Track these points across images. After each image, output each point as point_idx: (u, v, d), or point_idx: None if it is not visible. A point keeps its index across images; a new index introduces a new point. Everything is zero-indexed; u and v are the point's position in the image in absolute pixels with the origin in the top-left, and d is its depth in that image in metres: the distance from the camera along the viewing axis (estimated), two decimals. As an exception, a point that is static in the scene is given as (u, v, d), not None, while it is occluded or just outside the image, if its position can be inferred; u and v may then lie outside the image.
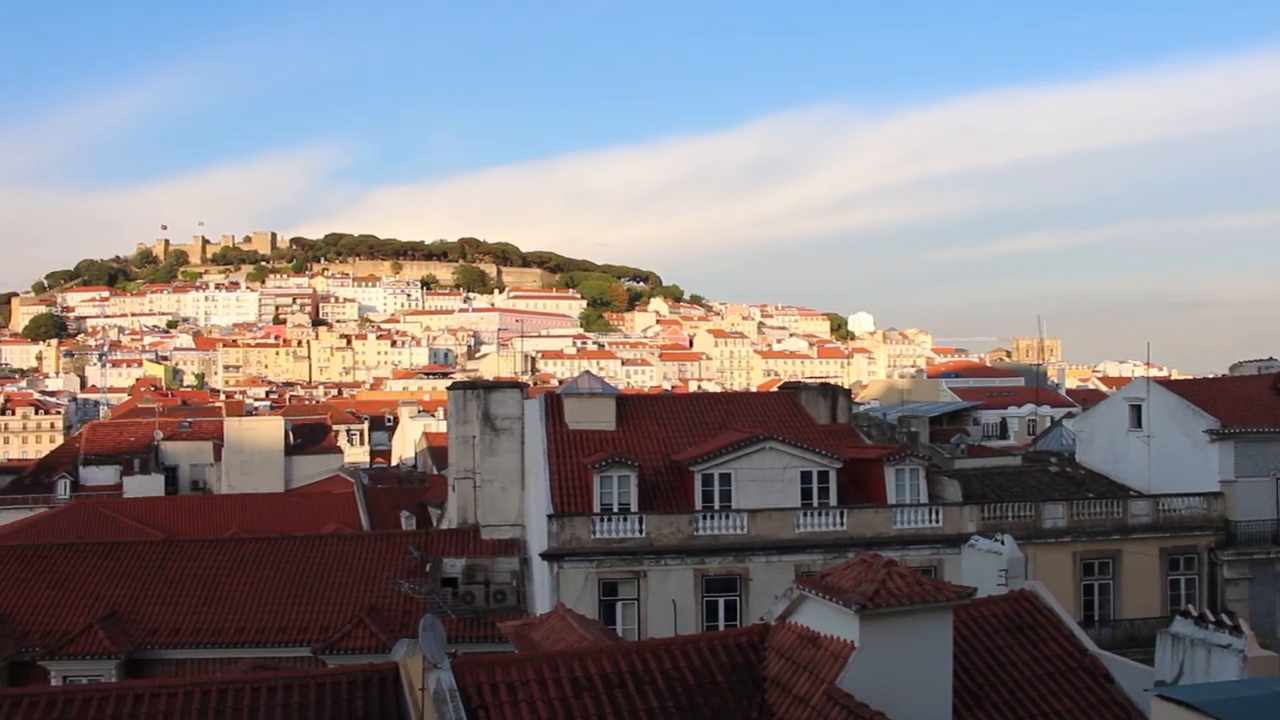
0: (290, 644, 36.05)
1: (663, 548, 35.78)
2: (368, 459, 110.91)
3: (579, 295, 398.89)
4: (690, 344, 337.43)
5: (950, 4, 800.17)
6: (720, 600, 36.04)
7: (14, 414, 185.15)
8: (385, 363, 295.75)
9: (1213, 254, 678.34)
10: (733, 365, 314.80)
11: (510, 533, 42.35)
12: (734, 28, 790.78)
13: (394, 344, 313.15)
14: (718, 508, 37.05)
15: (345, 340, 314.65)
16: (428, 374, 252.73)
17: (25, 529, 55.02)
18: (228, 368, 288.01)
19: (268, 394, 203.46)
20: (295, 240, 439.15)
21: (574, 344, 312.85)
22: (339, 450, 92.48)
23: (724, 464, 37.38)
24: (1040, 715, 16.53)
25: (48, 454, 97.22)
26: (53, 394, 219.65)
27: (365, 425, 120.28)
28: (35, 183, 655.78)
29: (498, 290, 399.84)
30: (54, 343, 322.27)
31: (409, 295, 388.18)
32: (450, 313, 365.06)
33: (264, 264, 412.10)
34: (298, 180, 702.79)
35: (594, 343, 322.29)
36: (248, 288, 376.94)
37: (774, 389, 76.39)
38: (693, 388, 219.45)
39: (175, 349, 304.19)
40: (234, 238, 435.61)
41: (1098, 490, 43.06)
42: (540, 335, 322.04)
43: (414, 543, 41.74)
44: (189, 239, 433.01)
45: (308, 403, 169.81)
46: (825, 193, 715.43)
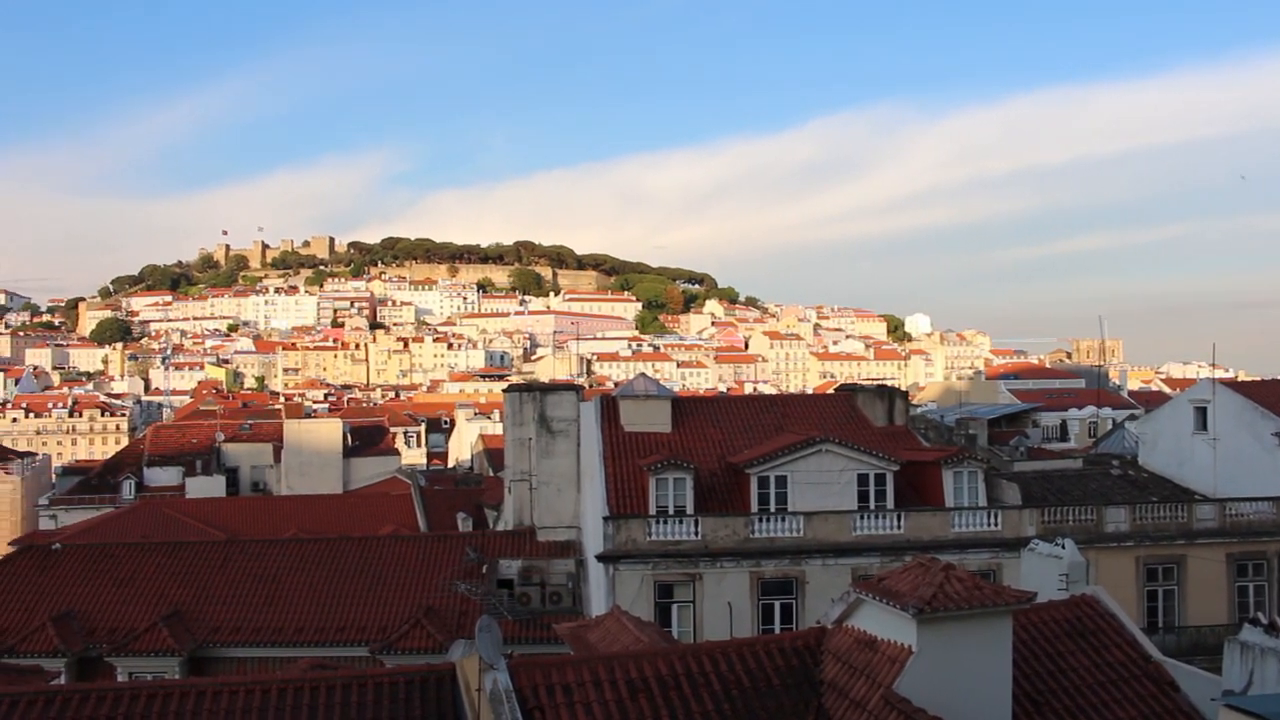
0: (348, 644, 36.40)
1: (718, 550, 35.66)
2: (425, 461, 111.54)
3: (634, 297, 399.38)
4: (746, 346, 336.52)
5: (1007, 2, 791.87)
6: (776, 603, 35.83)
7: (81, 416, 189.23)
8: (442, 365, 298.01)
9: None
10: (788, 367, 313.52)
11: (566, 534, 42.45)
12: (789, 28, 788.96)
13: (450, 347, 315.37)
14: (774, 510, 36.84)
15: (402, 343, 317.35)
16: (484, 376, 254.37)
17: (92, 528, 56.05)
18: (287, 370, 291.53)
19: (326, 396, 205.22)
20: (353, 244, 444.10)
21: (629, 346, 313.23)
22: (396, 452, 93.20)
23: (780, 466, 37.18)
24: (1103, 722, 16.26)
25: (113, 455, 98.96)
26: (118, 396, 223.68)
27: (422, 427, 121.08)
28: (102, 191, 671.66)
29: (553, 293, 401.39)
30: (119, 346, 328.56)
31: (465, 298, 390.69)
32: (506, 315, 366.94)
33: (322, 268, 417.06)
34: (355, 185, 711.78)
35: (649, 345, 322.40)
36: (306, 291, 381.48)
37: (830, 391, 75.90)
38: (748, 390, 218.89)
39: (236, 352, 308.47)
40: (293, 242, 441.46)
41: (1161, 494, 42.30)
42: (595, 338, 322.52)
43: (471, 544, 41.98)
44: (249, 244, 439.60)
45: (365, 405, 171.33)
46: (881, 193, 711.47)
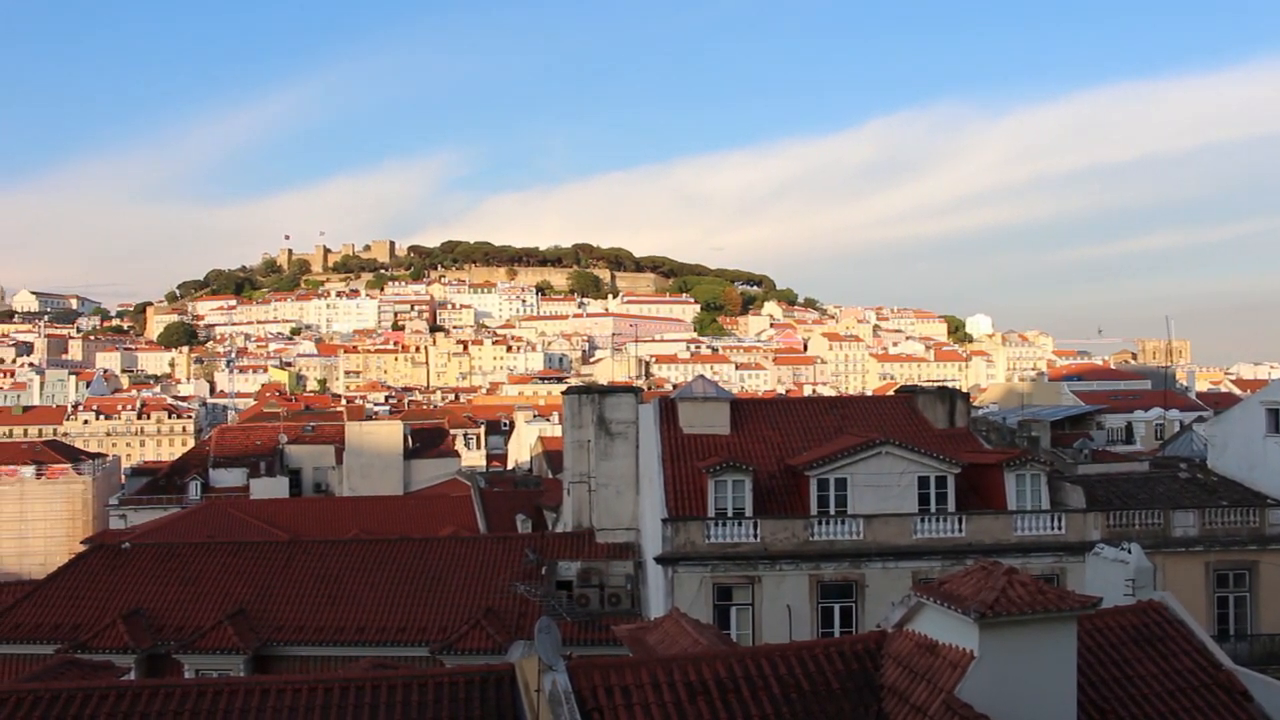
0: (409, 644, 36.72)
1: (777, 553, 35.50)
2: (484, 463, 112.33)
3: (692, 299, 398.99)
4: (804, 348, 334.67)
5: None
6: (835, 606, 35.60)
7: (149, 418, 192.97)
8: (501, 368, 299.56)
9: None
10: (848, 369, 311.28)
11: (625, 536, 42.49)
12: (846, 28, 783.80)
13: (509, 349, 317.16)
14: (833, 513, 36.58)
15: (462, 346, 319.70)
16: (543, 379, 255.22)
17: (160, 528, 57.06)
18: (348, 373, 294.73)
19: (387, 399, 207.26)
20: (413, 248, 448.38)
21: (688, 348, 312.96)
22: (456, 454, 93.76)
23: (840, 468, 36.91)
24: (1171, 731, 15.94)
25: (180, 456, 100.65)
26: (184, 399, 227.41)
27: (482, 429, 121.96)
28: (170, 198, 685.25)
29: (611, 295, 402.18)
30: (185, 350, 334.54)
31: (524, 301, 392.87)
32: (565, 318, 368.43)
33: (383, 272, 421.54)
34: (415, 189, 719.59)
35: (708, 347, 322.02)
36: (367, 295, 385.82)
37: (890, 393, 75.27)
38: (807, 392, 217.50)
39: (298, 355, 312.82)
40: (354, 246, 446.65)
41: (1231, 498, 41.32)
42: (654, 340, 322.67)
43: (530, 546, 42.16)
44: (311, 248, 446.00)
45: (425, 407, 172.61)
46: (942, 193, 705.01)
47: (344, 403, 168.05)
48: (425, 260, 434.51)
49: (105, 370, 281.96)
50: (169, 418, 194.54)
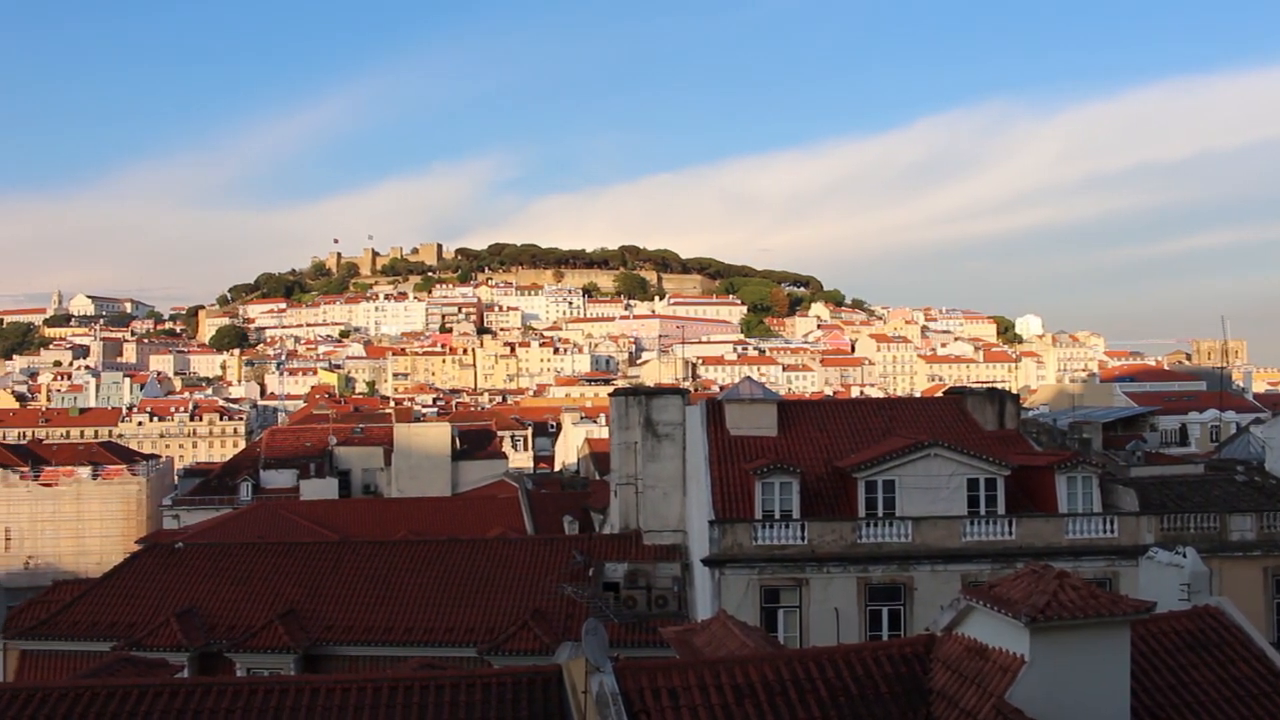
0: (457, 644, 36.85)
1: (825, 555, 35.30)
2: (531, 464, 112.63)
3: (739, 301, 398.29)
4: (852, 349, 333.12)
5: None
6: (884, 609, 35.35)
7: (201, 420, 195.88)
8: (548, 370, 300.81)
9: None
10: (896, 370, 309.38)
11: (672, 538, 42.43)
12: (896, 26, 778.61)
13: (556, 351, 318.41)
14: (881, 515, 36.29)
15: (509, 348, 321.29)
16: (590, 381, 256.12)
17: (212, 528, 57.74)
18: (397, 375, 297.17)
19: (435, 401, 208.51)
20: (460, 251, 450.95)
21: (734, 350, 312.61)
22: (504, 456, 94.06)
23: (888, 470, 36.64)
24: (1228, 738, 15.66)
25: (231, 458, 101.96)
26: (235, 401, 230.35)
27: (529, 431, 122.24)
28: (221, 202, 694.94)
29: (658, 297, 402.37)
30: (236, 352, 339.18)
31: (571, 303, 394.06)
32: (611, 320, 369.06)
33: (430, 274, 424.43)
34: (463, 192, 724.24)
35: (755, 348, 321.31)
36: (415, 298, 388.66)
37: (939, 394, 74.63)
38: (855, 393, 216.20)
39: (347, 358, 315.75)
40: (402, 249, 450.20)
41: (1290, 501, 40.58)
42: (701, 341, 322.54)
43: (577, 547, 42.21)
44: (359, 252, 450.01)
45: (473, 409, 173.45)
46: (991, 192, 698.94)
47: (392, 405, 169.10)
48: (472, 263, 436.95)
49: (159, 373, 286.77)
50: (220, 419, 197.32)
